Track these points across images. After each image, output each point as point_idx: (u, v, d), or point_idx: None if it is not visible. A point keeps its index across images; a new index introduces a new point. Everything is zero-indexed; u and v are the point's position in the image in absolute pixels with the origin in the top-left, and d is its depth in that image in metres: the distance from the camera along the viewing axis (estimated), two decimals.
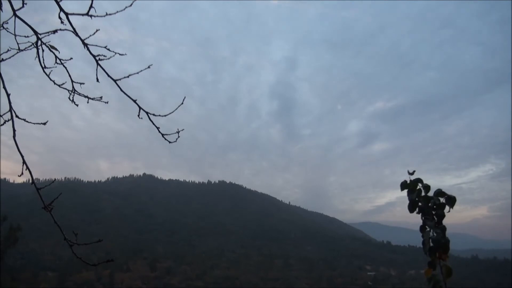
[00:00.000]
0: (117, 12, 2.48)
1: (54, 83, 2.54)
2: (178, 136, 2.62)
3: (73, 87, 2.58)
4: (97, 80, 2.52)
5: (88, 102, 2.61)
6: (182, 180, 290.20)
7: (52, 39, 2.44)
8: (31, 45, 2.43)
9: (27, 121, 2.38)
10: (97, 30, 2.41)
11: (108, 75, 2.46)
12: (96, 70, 2.46)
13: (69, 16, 2.35)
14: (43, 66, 2.47)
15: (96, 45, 2.41)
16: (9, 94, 2.32)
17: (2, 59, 2.33)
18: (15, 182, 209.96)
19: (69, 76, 2.56)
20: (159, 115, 2.54)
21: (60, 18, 2.32)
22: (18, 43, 2.41)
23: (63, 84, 2.57)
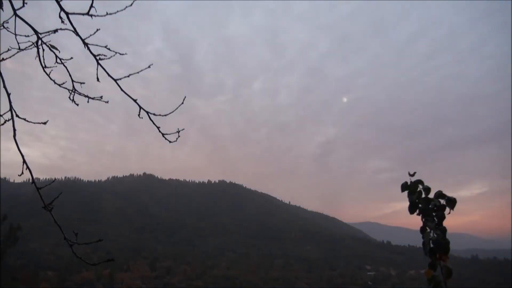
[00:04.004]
0: (117, 11, 2.48)
1: (55, 83, 2.54)
2: (179, 136, 2.64)
3: (73, 86, 2.58)
4: (98, 79, 2.52)
5: (88, 102, 2.61)
6: (182, 179, 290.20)
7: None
8: (31, 45, 2.43)
9: (27, 121, 2.38)
10: (97, 30, 2.41)
11: (109, 75, 2.46)
12: (97, 69, 2.46)
13: (70, 16, 2.35)
14: (43, 65, 2.47)
15: (97, 45, 2.41)
16: (10, 93, 2.32)
17: (3, 58, 2.33)
18: (15, 181, 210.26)
19: (70, 75, 2.56)
20: (160, 115, 2.55)
21: (60, 17, 2.32)
22: (18, 43, 2.41)
23: (63, 83, 2.57)
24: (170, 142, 2.66)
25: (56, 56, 2.52)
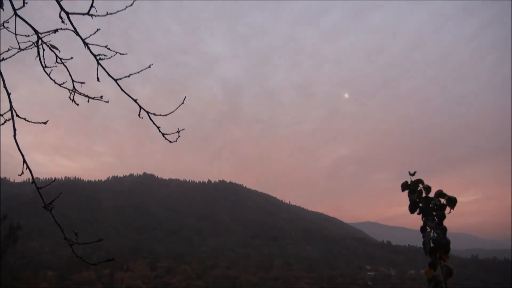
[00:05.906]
0: (118, 11, 2.48)
1: (55, 82, 2.54)
2: (179, 136, 2.64)
3: (73, 86, 2.58)
4: (98, 79, 2.52)
5: (88, 102, 2.61)
6: (182, 179, 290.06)
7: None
8: (31, 45, 2.43)
9: (27, 120, 2.38)
10: (97, 30, 2.41)
11: (109, 75, 2.46)
12: (97, 69, 2.46)
13: (70, 16, 2.35)
14: (43, 65, 2.47)
15: (97, 45, 2.41)
16: (10, 93, 2.32)
17: (3, 58, 2.33)
18: (16, 181, 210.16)
19: (70, 75, 2.56)
20: (160, 115, 2.56)
21: (61, 17, 2.32)
22: (18, 42, 2.41)
23: (63, 83, 2.57)
24: (170, 142, 2.67)
25: (56, 56, 2.52)
